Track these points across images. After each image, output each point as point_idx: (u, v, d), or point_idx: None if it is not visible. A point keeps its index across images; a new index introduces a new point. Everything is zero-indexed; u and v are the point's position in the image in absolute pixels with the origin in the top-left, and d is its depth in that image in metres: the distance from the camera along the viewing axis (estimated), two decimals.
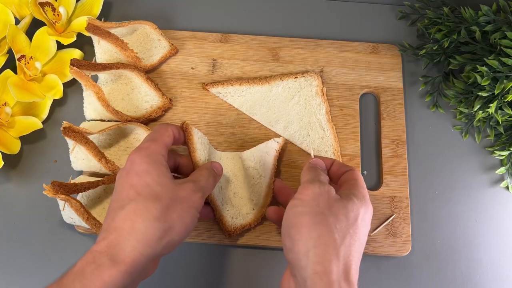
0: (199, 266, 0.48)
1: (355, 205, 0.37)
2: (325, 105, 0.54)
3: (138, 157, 0.37)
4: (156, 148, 0.38)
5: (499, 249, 0.50)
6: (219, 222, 0.47)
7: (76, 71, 0.48)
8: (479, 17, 0.51)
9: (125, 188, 0.36)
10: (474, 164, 0.54)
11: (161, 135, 0.40)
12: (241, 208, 0.48)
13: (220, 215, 0.47)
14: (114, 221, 0.34)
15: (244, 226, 0.47)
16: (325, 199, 0.36)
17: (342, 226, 0.35)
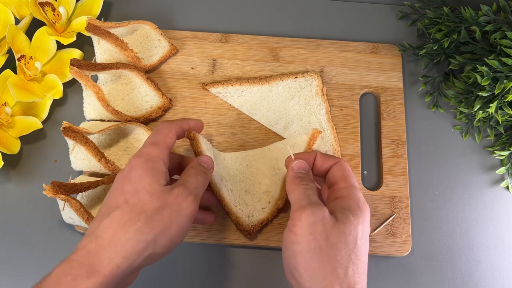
0: (199, 266, 0.48)
1: (352, 225, 0.34)
2: (325, 105, 0.54)
3: (137, 163, 0.36)
4: (156, 153, 0.37)
5: (499, 249, 0.50)
6: (236, 225, 0.47)
7: (76, 71, 0.48)
8: (479, 17, 0.51)
9: (116, 194, 0.35)
10: (474, 164, 0.54)
11: (164, 138, 0.39)
12: (255, 204, 0.48)
13: (235, 217, 0.47)
14: (99, 228, 0.33)
15: (262, 221, 0.47)
16: (321, 230, 0.34)
17: (343, 256, 0.33)
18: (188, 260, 0.48)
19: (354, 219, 0.35)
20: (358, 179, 0.51)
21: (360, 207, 0.36)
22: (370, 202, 0.50)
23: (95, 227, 0.34)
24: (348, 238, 0.34)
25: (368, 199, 0.50)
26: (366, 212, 0.36)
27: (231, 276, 0.48)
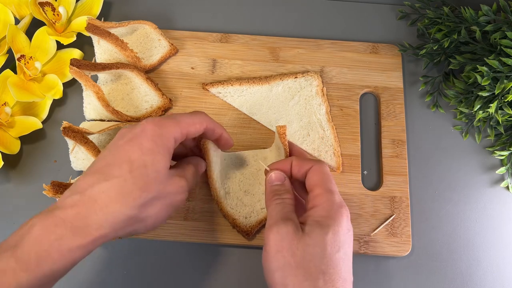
0: (198, 266, 0.48)
1: (318, 236, 0.33)
2: (325, 105, 0.54)
3: (152, 132, 0.34)
4: (173, 132, 0.35)
5: (499, 249, 0.50)
6: (234, 226, 0.47)
7: (76, 71, 0.48)
8: (479, 17, 0.51)
9: (121, 158, 0.33)
10: (474, 164, 0.54)
11: (190, 124, 0.37)
12: (255, 204, 0.48)
13: (232, 219, 0.47)
14: (93, 189, 0.31)
15: (261, 221, 0.48)
16: (288, 246, 0.33)
17: (312, 268, 0.33)
18: (186, 260, 0.48)
19: (321, 229, 0.34)
20: (358, 179, 0.51)
21: (331, 216, 0.35)
22: (370, 202, 0.50)
23: (88, 186, 0.32)
24: (315, 249, 0.33)
25: (368, 199, 0.50)
26: (339, 219, 0.35)
27: (230, 276, 0.48)
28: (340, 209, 0.35)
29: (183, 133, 0.36)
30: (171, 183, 0.35)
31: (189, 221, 0.49)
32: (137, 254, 0.48)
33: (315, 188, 0.37)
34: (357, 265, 0.43)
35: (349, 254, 0.35)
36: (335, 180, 0.51)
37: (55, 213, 0.30)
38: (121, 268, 0.48)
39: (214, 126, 0.40)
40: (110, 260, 0.48)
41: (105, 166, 0.33)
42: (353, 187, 0.51)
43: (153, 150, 0.33)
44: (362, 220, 0.49)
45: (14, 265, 0.28)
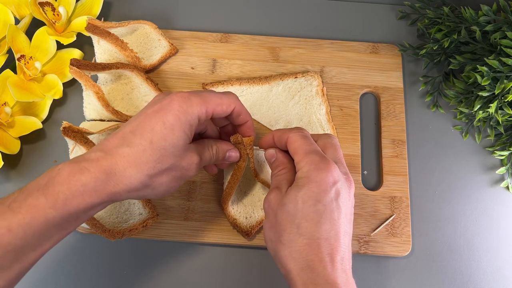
0: (198, 266, 0.48)
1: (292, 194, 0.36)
2: (325, 105, 0.54)
3: (177, 106, 0.36)
4: (198, 110, 0.36)
5: (499, 249, 0.50)
6: (234, 226, 0.48)
7: (76, 71, 0.48)
8: (479, 17, 0.51)
9: (145, 127, 0.35)
10: (474, 164, 0.54)
11: (218, 104, 0.38)
12: (255, 204, 0.48)
13: (232, 219, 0.47)
14: (117, 151, 0.34)
15: (261, 222, 0.47)
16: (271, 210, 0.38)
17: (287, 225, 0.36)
18: (186, 260, 0.48)
19: (296, 188, 0.36)
20: (358, 179, 0.51)
21: (308, 175, 0.36)
22: (370, 202, 0.50)
23: (112, 147, 0.35)
24: (289, 206, 0.36)
25: (368, 199, 0.50)
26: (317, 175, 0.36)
27: (231, 276, 0.48)
28: (318, 165, 0.36)
29: (208, 112, 0.38)
30: (186, 158, 0.37)
31: (189, 221, 0.49)
32: (137, 254, 0.48)
33: (295, 155, 0.39)
34: (357, 265, 0.43)
35: (335, 205, 0.36)
36: None
37: (82, 163, 0.33)
38: (121, 268, 0.48)
39: (241, 111, 0.41)
40: (110, 260, 0.48)
41: (130, 132, 0.35)
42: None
43: (175, 125, 0.35)
44: (362, 220, 0.49)
45: (44, 201, 0.31)
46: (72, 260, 0.48)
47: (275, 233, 0.37)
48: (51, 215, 0.32)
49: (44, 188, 0.32)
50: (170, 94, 0.37)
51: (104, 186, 0.33)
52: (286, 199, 0.36)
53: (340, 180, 0.37)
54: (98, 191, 0.33)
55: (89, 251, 0.48)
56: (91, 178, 0.33)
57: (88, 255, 0.48)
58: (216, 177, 0.51)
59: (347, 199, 0.37)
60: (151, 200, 0.48)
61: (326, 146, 0.40)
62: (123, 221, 0.47)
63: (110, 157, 0.34)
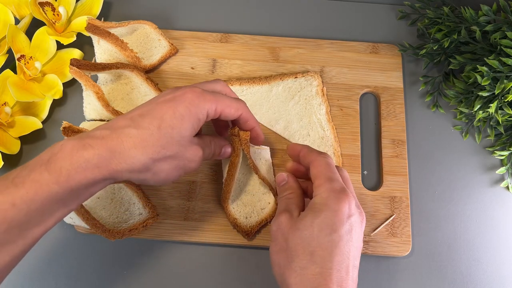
0: (198, 266, 0.48)
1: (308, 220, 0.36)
2: (325, 105, 0.54)
3: (189, 99, 0.37)
4: (209, 107, 0.38)
5: (499, 249, 0.50)
6: (234, 226, 0.47)
7: (76, 71, 0.48)
8: (479, 17, 0.51)
9: (155, 113, 0.36)
10: (474, 164, 0.54)
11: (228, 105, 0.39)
12: (255, 204, 0.48)
13: (233, 218, 0.47)
14: (123, 131, 0.35)
15: (261, 222, 0.47)
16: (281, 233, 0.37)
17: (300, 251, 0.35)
18: (186, 260, 0.48)
19: (312, 214, 0.36)
20: (358, 179, 0.51)
21: (326, 202, 0.36)
22: (370, 202, 0.50)
23: (119, 127, 0.35)
24: (304, 233, 0.36)
25: (368, 199, 0.50)
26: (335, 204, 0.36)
27: (231, 276, 0.48)
28: (338, 195, 0.37)
29: (217, 111, 0.39)
30: (190, 150, 0.37)
31: (189, 221, 0.49)
32: (137, 254, 0.48)
33: (316, 179, 0.39)
34: None
35: (348, 238, 0.36)
36: None
37: (85, 140, 0.34)
38: (121, 268, 0.48)
39: (248, 117, 0.42)
40: (110, 260, 0.48)
41: (139, 115, 0.36)
42: (353, 187, 0.50)
43: (184, 116, 0.36)
44: None
45: (47, 177, 0.32)
46: (72, 260, 0.48)
47: (285, 258, 0.36)
48: (54, 191, 0.32)
49: (47, 163, 0.32)
50: (184, 87, 0.38)
51: (107, 164, 0.33)
52: (300, 224, 0.36)
53: (355, 214, 0.37)
54: (100, 168, 0.33)
55: (89, 251, 0.48)
56: (94, 154, 0.33)
57: (88, 255, 0.48)
58: (216, 177, 0.51)
59: (359, 233, 0.37)
60: (151, 200, 0.48)
61: (343, 178, 0.40)
62: (123, 221, 0.47)
63: (116, 136, 0.34)
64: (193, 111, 0.37)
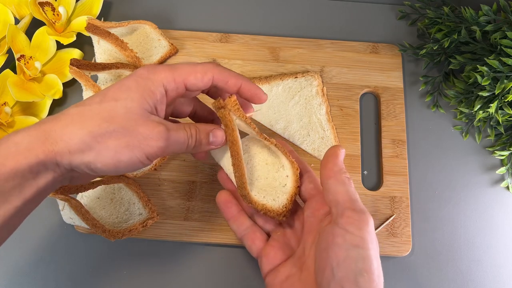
0: (198, 266, 0.48)
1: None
2: (325, 105, 0.54)
3: (139, 73, 0.33)
4: (163, 77, 0.33)
5: (499, 249, 0.50)
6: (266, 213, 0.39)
7: (76, 71, 0.48)
8: (480, 17, 0.51)
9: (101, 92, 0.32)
10: (475, 164, 0.53)
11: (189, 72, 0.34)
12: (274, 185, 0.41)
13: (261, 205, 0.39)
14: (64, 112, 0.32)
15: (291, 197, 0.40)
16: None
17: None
18: (186, 260, 0.48)
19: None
20: (358, 179, 0.51)
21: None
22: (370, 202, 0.50)
23: (61, 113, 0.32)
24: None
25: (368, 199, 0.50)
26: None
27: (231, 276, 0.48)
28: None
29: (177, 80, 0.34)
30: (145, 125, 0.32)
31: (189, 221, 0.49)
32: (137, 254, 0.48)
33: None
34: None
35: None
36: None
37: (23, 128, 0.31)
38: (121, 268, 0.48)
39: (226, 76, 0.36)
40: (110, 260, 0.48)
41: (88, 98, 0.33)
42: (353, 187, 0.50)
43: (131, 88, 0.32)
44: None
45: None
46: (72, 260, 0.48)
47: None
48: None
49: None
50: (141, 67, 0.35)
51: (41, 144, 0.30)
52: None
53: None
54: (33, 150, 0.29)
55: (89, 251, 0.48)
56: (24, 136, 0.30)
57: (88, 255, 0.48)
58: (216, 177, 0.51)
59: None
60: (151, 200, 0.48)
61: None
62: (123, 221, 0.47)
63: (55, 118, 0.31)
64: (142, 83, 0.32)
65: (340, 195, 0.34)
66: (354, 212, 0.32)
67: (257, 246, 0.40)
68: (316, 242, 0.35)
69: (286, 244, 0.39)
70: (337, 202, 0.34)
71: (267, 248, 0.40)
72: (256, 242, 0.40)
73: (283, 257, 0.38)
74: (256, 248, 0.40)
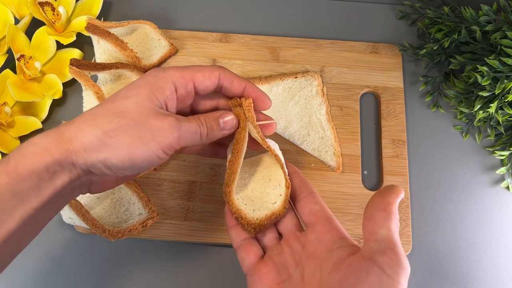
0: (198, 266, 0.48)
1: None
2: (325, 105, 0.54)
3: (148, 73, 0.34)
4: (172, 74, 0.34)
5: (499, 249, 0.50)
6: (238, 220, 0.37)
7: (76, 71, 0.48)
8: (480, 16, 0.51)
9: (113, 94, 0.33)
10: (475, 164, 0.53)
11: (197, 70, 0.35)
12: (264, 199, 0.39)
13: (237, 209, 0.38)
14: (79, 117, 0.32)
15: (271, 216, 0.37)
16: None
17: None
18: (186, 260, 0.48)
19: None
20: (358, 179, 0.51)
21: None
22: None
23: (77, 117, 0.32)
24: None
25: (368, 199, 0.50)
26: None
27: (230, 276, 0.48)
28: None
29: (185, 77, 0.34)
30: (156, 117, 0.32)
31: (189, 221, 0.49)
32: (137, 254, 0.48)
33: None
34: None
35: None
36: (336, 180, 0.51)
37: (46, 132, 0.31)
38: (121, 268, 0.48)
39: (231, 77, 0.37)
40: (110, 260, 0.48)
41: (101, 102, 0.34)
42: (353, 187, 0.51)
43: (140, 86, 0.33)
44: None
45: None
46: (72, 260, 0.48)
47: None
48: (3, 182, 0.28)
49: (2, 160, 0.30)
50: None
51: (57, 144, 0.30)
52: None
53: None
54: (49, 149, 0.30)
55: (89, 251, 0.48)
56: (42, 137, 0.30)
57: (88, 255, 0.48)
58: (216, 177, 0.51)
59: None
60: (151, 200, 0.48)
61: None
62: (123, 221, 0.47)
63: (71, 121, 0.32)
64: (152, 80, 0.33)
65: (386, 231, 0.31)
66: (396, 255, 0.30)
67: (250, 260, 0.36)
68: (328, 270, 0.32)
69: (282, 265, 0.35)
70: (381, 238, 0.31)
71: (260, 265, 0.35)
72: (250, 255, 0.37)
73: (277, 279, 0.34)
74: (248, 261, 0.36)
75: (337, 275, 0.31)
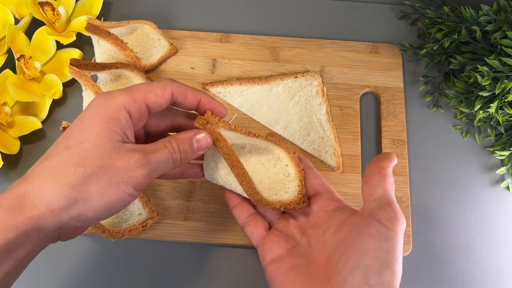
0: (198, 266, 0.48)
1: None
2: (325, 105, 0.54)
3: (96, 103, 0.31)
4: (122, 100, 0.31)
5: (499, 249, 0.50)
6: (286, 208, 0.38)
7: (76, 71, 0.48)
8: (480, 16, 0.51)
9: (62, 138, 0.30)
10: (475, 164, 0.53)
11: (147, 91, 0.32)
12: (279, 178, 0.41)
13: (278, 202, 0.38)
14: (32, 172, 0.29)
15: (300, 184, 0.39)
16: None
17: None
18: (186, 260, 0.48)
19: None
20: (358, 179, 0.51)
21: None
22: None
23: (29, 172, 0.29)
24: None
25: None
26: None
27: (231, 276, 0.48)
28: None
29: (137, 100, 0.32)
30: (120, 157, 0.30)
31: (189, 221, 0.49)
32: (137, 254, 0.48)
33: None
34: None
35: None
36: (336, 180, 0.51)
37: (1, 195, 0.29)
38: (121, 268, 0.48)
39: (184, 91, 0.34)
40: (110, 260, 0.48)
41: (51, 148, 0.31)
42: (353, 187, 0.51)
43: (93, 123, 0.30)
44: None
45: None
46: (72, 260, 0.48)
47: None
48: None
49: None
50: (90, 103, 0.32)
51: (16, 215, 0.27)
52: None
53: None
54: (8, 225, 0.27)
55: (89, 251, 0.48)
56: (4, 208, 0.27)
57: (88, 255, 0.48)
58: None
59: None
60: (150, 200, 0.48)
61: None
62: (123, 221, 0.47)
63: (25, 180, 0.29)
64: (102, 113, 0.30)
65: (382, 191, 0.33)
66: (393, 210, 0.33)
67: (259, 233, 0.40)
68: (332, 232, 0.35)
69: (289, 235, 0.39)
70: (378, 197, 0.33)
71: (269, 236, 0.39)
72: (258, 229, 0.40)
73: (286, 246, 0.38)
74: (257, 234, 0.40)
75: (340, 234, 0.34)
